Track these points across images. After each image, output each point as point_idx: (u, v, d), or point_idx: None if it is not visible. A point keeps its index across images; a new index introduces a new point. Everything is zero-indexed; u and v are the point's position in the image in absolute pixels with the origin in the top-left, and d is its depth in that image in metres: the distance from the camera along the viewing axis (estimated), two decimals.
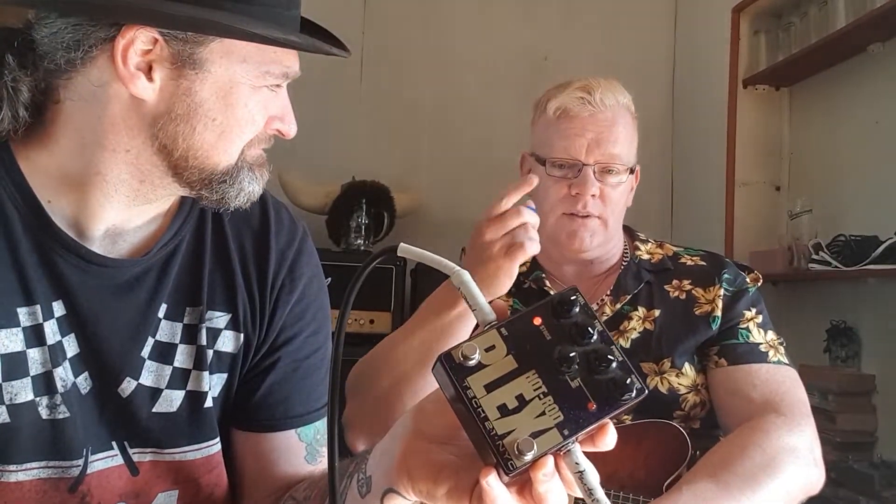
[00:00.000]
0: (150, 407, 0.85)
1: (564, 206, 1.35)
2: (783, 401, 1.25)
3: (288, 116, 0.87)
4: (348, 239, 2.84)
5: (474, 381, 0.54)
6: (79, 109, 0.80)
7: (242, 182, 0.84)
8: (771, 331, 1.35)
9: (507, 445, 0.52)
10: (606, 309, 1.36)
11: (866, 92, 2.42)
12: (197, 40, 0.77)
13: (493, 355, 0.55)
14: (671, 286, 1.39)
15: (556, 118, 1.36)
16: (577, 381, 0.55)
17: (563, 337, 0.56)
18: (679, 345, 1.32)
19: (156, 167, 0.81)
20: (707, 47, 3.07)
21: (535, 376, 0.55)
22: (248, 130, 0.83)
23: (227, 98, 0.80)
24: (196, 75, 0.78)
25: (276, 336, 0.93)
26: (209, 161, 0.81)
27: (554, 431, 0.53)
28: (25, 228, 0.81)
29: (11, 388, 0.78)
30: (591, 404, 0.54)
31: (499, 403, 0.54)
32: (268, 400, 0.92)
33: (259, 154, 0.86)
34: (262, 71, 0.81)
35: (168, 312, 0.87)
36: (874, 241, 2.16)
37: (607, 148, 1.33)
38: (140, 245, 0.87)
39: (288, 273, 0.94)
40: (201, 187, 0.83)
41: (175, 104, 0.79)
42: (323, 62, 3.55)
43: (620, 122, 1.36)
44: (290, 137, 0.88)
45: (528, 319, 0.57)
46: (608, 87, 1.37)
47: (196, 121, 0.79)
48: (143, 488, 0.85)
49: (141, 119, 0.79)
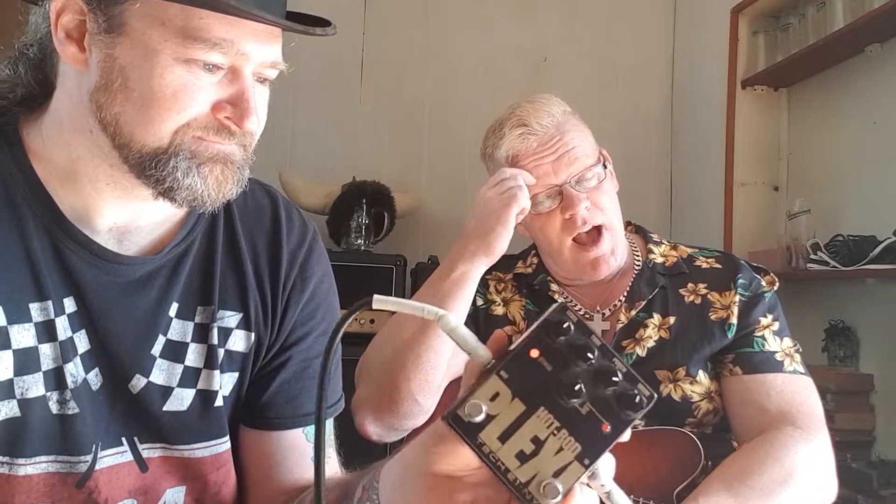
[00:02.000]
0: (160, 404, 0.86)
1: (567, 233, 1.33)
2: (799, 412, 1.24)
3: (242, 104, 0.77)
4: (349, 239, 2.85)
5: (487, 435, 0.53)
6: (59, 92, 0.81)
7: (177, 173, 0.76)
8: (787, 337, 1.33)
9: (532, 492, 0.53)
10: (621, 316, 1.34)
11: (864, 93, 2.42)
12: (115, 0, 0.73)
13: (500, 403, 0.54)
14: (686, 290, 1.36)
15: (511, 164, 1.34)
16: (587, 406, 0.54)
17: (563, 363, 0.55)
18: (694, 353, 1.30)
19: (111, 149, 0.77)
20: (706, 48, 3.07)
21: (545, 413, 0.54)
22: (172, 107, 0.74)
23: (142, 66, 0.73)
24: (113, 39, 0.74)
25: (287, 335, 0.93)
26: (135, 138, 0.75)
27: (575, 464, 0.53)
28: (37, 223, 0.81)
29: (23, 383, 0.79)
30: (604, 426, 0.54)
31: (516, 451, 0.53)
32: (277, 398, 0.92)
33: (208, 147, 0.77)
34: (183, 36, 0.73)
35: (179, 311, 0.87)
36: (872, 241, 2.17)
37: (568, 159, 1.31)
38: (149, 246, 0.87)
39: (299, 273, 0.94)
40: (139, 173, 0.77)
41: (101, 73, 0.75)
42: (323, 62, 3.54)
43: (564, 129, 1.34)
44: (248, 130, 0.78)
45: (525, 354, 0.55)
46: (538, 106, 1.36)
47: (116, 90, 0.75)
48: (151, 484, 0.85)
49: (87, 93, 0.77)
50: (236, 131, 0.78)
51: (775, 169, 2.82)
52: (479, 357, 0.57)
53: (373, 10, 3.26)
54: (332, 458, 0.96)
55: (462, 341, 0.57)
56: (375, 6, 3.26)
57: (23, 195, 0.81)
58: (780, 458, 1.17)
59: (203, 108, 0.76)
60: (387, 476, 0.67)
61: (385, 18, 3.26)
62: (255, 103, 0.78)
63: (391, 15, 3.26)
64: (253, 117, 0.78)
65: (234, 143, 0.79)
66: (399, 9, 3.27)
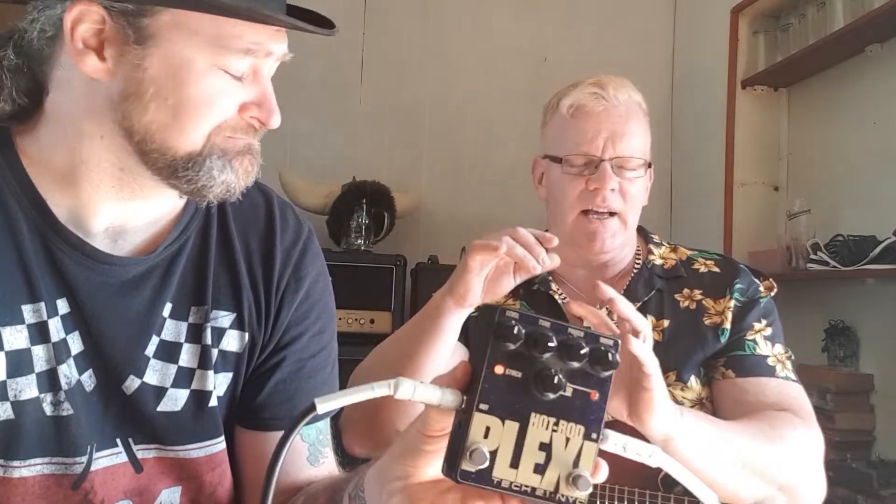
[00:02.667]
0: (154, 405, 0.85)
1: (583, 203, 1.32)
2: (798, 411, 1.22)
3: (266, 103, 0.80)
4: (349, 239, 2.85)
5: (499, 472, 0.53)
6: (59, 97, 0.80)
7: (212, 171, 0.78)
8: (780, 344, 1.31)
9: (566, 493, 0.54)
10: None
11: (864, 93, 2.42)
12: (142, 12, 0.74)
13: (494, 435, 0.53)
14: (682, 295, 1.35)
15: (571, 115, 1.33)
16: (569, 387, 0.55)
17: (530, 363, 0.55)
18: (686, 358, 1.28)
19: (128, 154, 0.78)
20: (706, 48, 3.07)
21: (538, 417, 0.54)
22: (207, 113, 0.77)
23: (177, 76, 0.75)
24: (144, 51, 0.74)
25: (282, 335, 0.93)
26: (167, 143, 0.77)
27: (587, 444, 0.54)
28: (30, 225, 0.81)
29: (16, 385, 0.79)
30: (592, 394, 0.55)
31: (532, 468, 0.54)
32: (272, 399, 0.92)
33: (237, 143, 0.80)
34: (217, 46, 0.75)
35: (173, 312, 0.87)
36: (872, 241, 2.16)
37: (624, 142, 1.30)
38: (143, 246, 0.87)
39: (293, 273, 0.94)
40: (169, 175, 0.79)
41: (128, 83, 0.76)
42: (323, 62, 3.54)
43: (634, 117, 1.34)
44: (271, 127, 0.82)
45: (491, 376, 0.54)
46: (620, 83, 1.35)
47: (148, 100, 0.75)
48: (146, 485, 0.85)
49: (104, 101, 0.77)
50: (259, 128, 0.82)
51: (775, 169, 2.82)
52: (452, 404, 0.56)
53: (373, 10, 3.26)
54: (329, 459, 0.96)
55: (427, 400, 0.56)
56: (375, 6, 3.26)
57: (15, 197, 0.81)
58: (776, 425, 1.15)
59: (232, 111, 0.79)
60: (371, 485, 0.67)
61: (385, 18, 3.26)
62: (275, 101, 0.81)
63: (391, 15, 3.26)
64: (276, 115, 0.81)
65: (256, 136, 0.83)
66: (399, 9, 3.27)
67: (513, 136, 3.24)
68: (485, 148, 3.22)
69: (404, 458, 0.60)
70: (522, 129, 3.27)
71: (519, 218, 3.38)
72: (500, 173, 3.19)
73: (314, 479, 0.93)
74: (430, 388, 0.56)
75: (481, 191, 3.21)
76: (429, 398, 0.56)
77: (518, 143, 3.25)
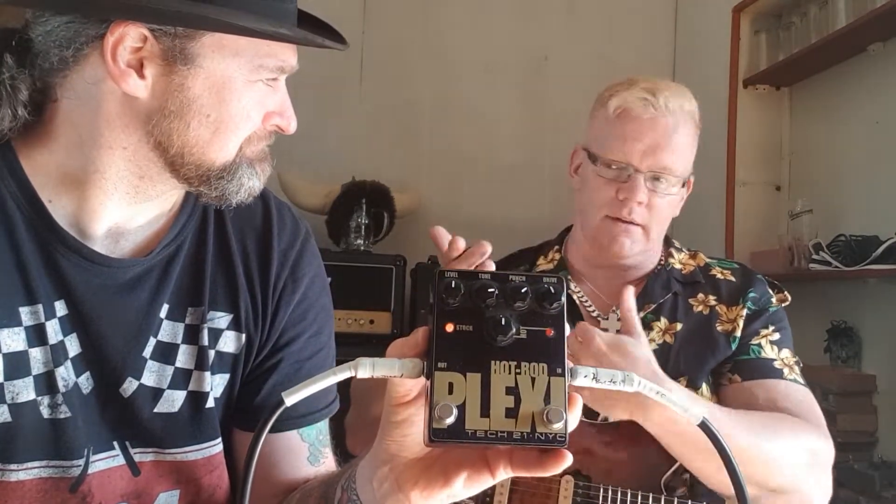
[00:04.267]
0: (151, 407, 0.85)
1: (609, 209, 1.31)
2: (808, 415, 1.20)
3: (287, 112, 0.85)
4: (348, 239, 2.84)
5: (471, 422, 0.53)
6: (75, 107, 0.80)
7: (242, 178, 0.83)
8: (787, 349, 1.30)
9: (543, 431, 0.53)
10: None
11: (867, 92, 2.41)
12: (187, 35, 0.77)
13: (458, 389, 0.54)
14: (696, 300, 1.35)
15: (616, 117, 1.30)
16: (522, 329, 0.55)
17: (477, 314, 0.55)
18: (697, 364, 1.28)
19: (153, 163, 0.81)
20: (707, 47, 3.07)
21: (498, 364, 0.54)
22: (243, 126, 0.82)
23: (220, 93, 0.79)
24: (188, 71, 0.78)
25: (279, 337, 0.93)
26: (205, 157, 0.81)
27: (554, 380, 0.54)
28: (28, 228, 0.81)
29: (13, 388, 0.78)
30: (548, 331, 0.55)
31: (503, 413, 0.53)
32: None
33: (259, 150, 0.85)
34: (255, 65, 0.80)
35: (170, 313, 0.87)
36: (874, 241, 2.16)
37: (663, 157, 1.28)
38: (143, 244, 0.87)
39: (290, 273, 0.94)
40: (199, 183, 0.83)
41: (168, 100, 0.78)
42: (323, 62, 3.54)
43: (682, 129, 1.30)
44: (290, 133, 0.87)
45: (443, 334, 0.55)
46: (675, 91, 1.32)
47: (190, 117, 0.79)
48: (144, 488, 0.85)
49: (135, 116, 0.79)
50: (278, 133, 0.87)
51: (777, 168, 2.81)
52: (412, 372, 0.56)
53: (373, 10, 3.25)
54: (329, 459, 0.96)
55: (387, 373, 0.57)
56: (375, 6, 3.25)
57: (13, 199, 0.81)
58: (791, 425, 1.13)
59: (258, 121, 0.83)
60: (362, 475, 0.68)
61: (385, 18, 3.25)
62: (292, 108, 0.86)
63: (391, 15, 3.26)
64: (295, 121, 0.86)
65: (270, 141, 0.88)
66: (399, 9, 3.27)
67: (513, 136, 3.24)
68: (485, 148, 3.22)
69: (382, 438, 0.62)
70: (522, 129, 3.27)
71: (519, 217, 3.39)
72: (500, 173, 3.18)
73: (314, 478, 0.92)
74: (387, 362, 0.57)
75: (481, 191, 3.20)
76: (389, 371, 0.56)
77: (518, 143, 3.25)
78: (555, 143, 2.95)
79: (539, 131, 3.19)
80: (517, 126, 3.25)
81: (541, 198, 3.06)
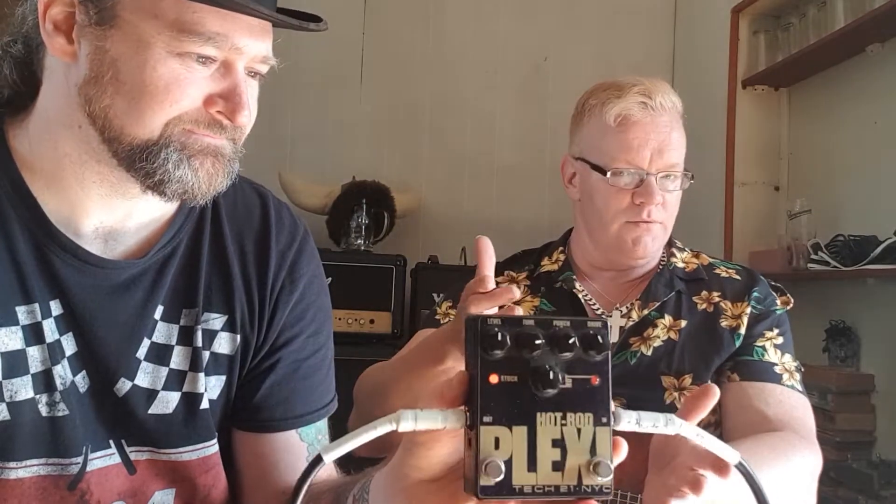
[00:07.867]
0: (146, 407, 0.85)
1: (628, 216, 1.31)
2: (800, 427, 1.21)
3: (234, 98, 0.77)
4: (348, 239, 2.85)
5: (518, 478, 0.52)
6: (46, 87, 0.80)
7: (168, 164, 0.76)
8: (789, 354, 1.30)
9: (589, 483, 0.53)
10: (634, 314, 1.33)
11: (865, 92, 2.42)
12: None
13: (505, 443, 0.53)
14: (700, 298, 1.35)
15: (617, 125, 1.30)
16: (568, 378, 0.54)
17: (523, 365, 0.54)
18: (703, 361, 1.28)
19: (99, 143, 0.77)
20: (706, 48, 3.07)
21: (544, 416, 0.53)
22: (164, 101, 0.74)
23: (134, 58, 0.73)
24: (105, 31, 0.74)
25: (277, 337, 0.92)
26: (125, 131, 0.76)
27: (599, 430, 0.53)
28: (22, 226, 0.81)
29: (11, 386, 0.78)
30: (593, 379, 0.54)
31: (550, 466, 0.53)
32: (268, 400, 0.91)
33: (199, 140, 0.78)
34: (177, 31, 0.73)
35: (164, 314, 0.87)
36: (873, 241, 2.16)
37: (669, 155, 1.30)
38: (137, 248, 0.86)
39: (288, 274, 0.93)
40: (128, 165, 0.77)
41: (92, 65, 0.75)
42: (323, 62, 3.53)
43: (675, 125, 1.32)
44: (240, 124, 0.79)
45: (488, 387, 0.53)
46: (664, 88, 1.33)
47: (108, 83, 0.74)
48: (140, 487, 0.85)
49: (74, 86, 0.76)
50: (227, 125, 0.79)
51: (776, 169, 2.81)
52: (456, 424, 0.55)
53: (373, 10, 3.25)
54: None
55: (432, 425, 0.55)
56: (375, 6, 3.26)
57: (7, 198, 0.81)
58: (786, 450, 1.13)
59: (195, 102, 0.76)
60: (376, 489, 0.67)
61: (385, 18, 3.26)
62: (247, 97, 0.78)
63: (391, 15, 3.26)
64: (245, 111, 0.78)
65: (224, 137, 0.79)
66: (399, 8, 3.27)
67: (513, 136, 3.24)
68: (485, 148, 3.22)
69: (403, 456, 0.60)
70: (522, 129, 3.28)
71: (519, 218, 3.39)
72: (500, 173, 3.19)
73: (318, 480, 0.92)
74: (430, 414, 0.55)
75: (481, 191, 3.20)
76: (432, 424, 0.55)
77: (518, 144, 3.25)
78: (555, 144, 2.96)
79: (539, 132, 3.19)
80: (517, 126, 3.25)
81: (541, 198, 3.06)
